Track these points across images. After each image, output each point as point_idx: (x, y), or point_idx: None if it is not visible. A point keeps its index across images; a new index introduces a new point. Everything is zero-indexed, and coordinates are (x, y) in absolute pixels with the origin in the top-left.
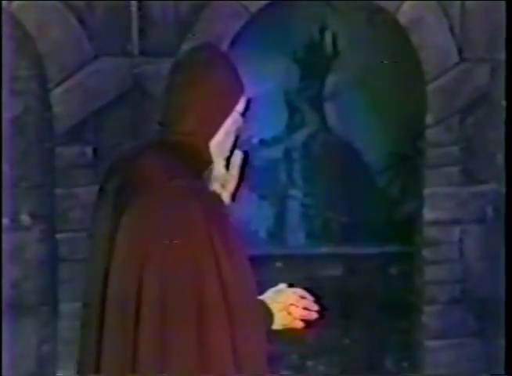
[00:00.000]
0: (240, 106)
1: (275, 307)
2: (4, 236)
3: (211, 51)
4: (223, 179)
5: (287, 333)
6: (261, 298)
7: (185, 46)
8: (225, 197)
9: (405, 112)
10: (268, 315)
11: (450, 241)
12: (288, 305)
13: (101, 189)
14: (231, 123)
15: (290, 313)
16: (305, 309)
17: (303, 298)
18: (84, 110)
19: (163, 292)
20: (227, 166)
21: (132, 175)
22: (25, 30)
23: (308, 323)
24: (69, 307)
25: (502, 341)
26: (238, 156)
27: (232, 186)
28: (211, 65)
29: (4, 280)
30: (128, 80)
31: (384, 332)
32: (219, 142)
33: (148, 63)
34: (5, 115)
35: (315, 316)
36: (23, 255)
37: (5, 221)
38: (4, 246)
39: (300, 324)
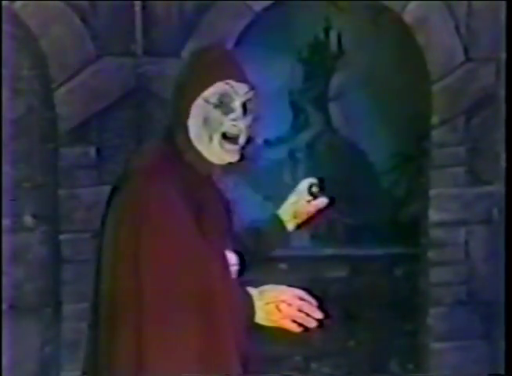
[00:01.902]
0: (209, 94)
1: (263, 298)
2: (7, 237)
3: (211, 47)
4: (296, 209)
5: (285, 333)
6: (250, 289)
7: (190, 46)
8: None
9: (410, 112)
10: (249, 305)
11: (456, 243)
12: (279, 301)
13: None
14: (197, 112)
15: (280, 310)
16: (303, 312)
17: (302, 299)
18: (88, 110)
19: (156, 282)
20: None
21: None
22: (28, 30)
23: (305, 327)
24: (72, 308)
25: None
26: (323, 201)
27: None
28: (195, 56)
29: (7, 281)
30: (132, 80)
31: (389, 334)
32: (197, 135)
33: (151, 63)
34: (7, 115)
35: (313, 323)
36: (25, 256)
37: (7, 222)
38: (7, 247)
39: (292, 326)
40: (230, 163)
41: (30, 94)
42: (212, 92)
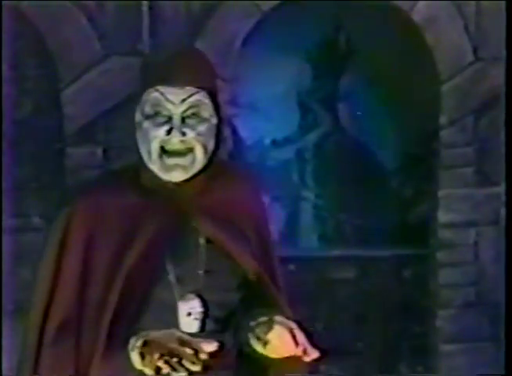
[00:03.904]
0: (142, 105)
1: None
2: (14, 238)
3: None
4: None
5: None
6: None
7: (197, 46)
8: None
9: (419, 112)
10: (122, 358)
11: (465, 244)
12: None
13: None
14: (136, 125)
15: (143, 357)
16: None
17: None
18: (95, 110)
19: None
20: None
21: None
22: (35, 30)
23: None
24: None
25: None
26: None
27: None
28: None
29: (14, 282)
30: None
31: (398, 336)
32: (141, 152)
33: None
34: (14, 115)
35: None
36: (32, 257)
37: (15, 222)
38: (14, 247)
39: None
40: (189, 180)
41: (37, 94)
42: (144, 101)
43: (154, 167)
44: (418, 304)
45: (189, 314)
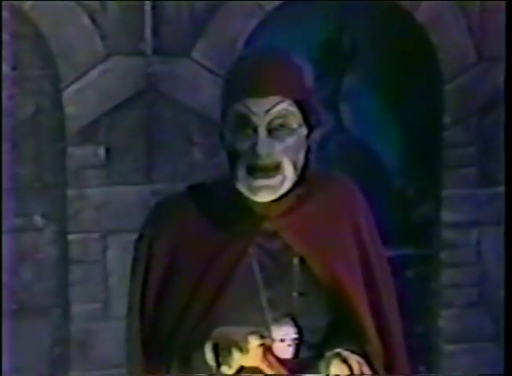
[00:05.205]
0: (228, 119)
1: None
2: (16, 237)
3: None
4: None
5: None
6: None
7: (200, 46)
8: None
9: (422, 112)
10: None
11: (468, 244)
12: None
13: None
14: (225, 140)
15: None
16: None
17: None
18: (97, 109)
19: None
20: None
21: None
22: (37, 30)
23: None
24: (81, 309)
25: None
26: None
27: None
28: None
29: (16, 282)
30: (141, 79)
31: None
32: (229, 170)
33: (161, 63)
34: (17, 115)
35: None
36: (34, 256)
37: (17, 222)
38: (16, 247)
39: None
40: (277, 201)
41: (39, 94)
42: (229, 114)
43: (241, 186)
44: (420, 304)
45: (283, 340)
